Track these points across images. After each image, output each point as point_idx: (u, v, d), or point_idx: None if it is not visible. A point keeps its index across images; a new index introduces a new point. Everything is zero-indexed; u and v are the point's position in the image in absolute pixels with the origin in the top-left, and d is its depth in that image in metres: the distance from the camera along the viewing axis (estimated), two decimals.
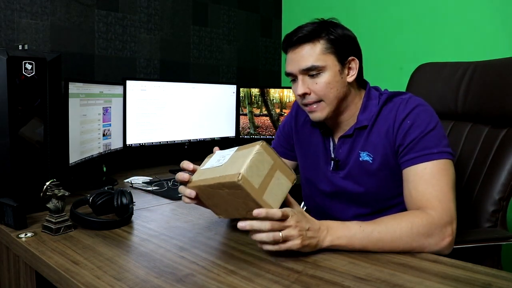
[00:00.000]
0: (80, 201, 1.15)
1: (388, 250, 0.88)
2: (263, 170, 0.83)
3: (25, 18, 1.66)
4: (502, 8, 1.88)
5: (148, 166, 1.99)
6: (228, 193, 0.84)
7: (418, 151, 0.97)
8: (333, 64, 1.03)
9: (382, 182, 1.05)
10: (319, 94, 1.03)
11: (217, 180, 0.85)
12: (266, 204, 0.82)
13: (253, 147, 0.86)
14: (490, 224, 1.19)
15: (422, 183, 0.94)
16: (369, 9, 2.34)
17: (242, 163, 0.81)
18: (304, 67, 1.02)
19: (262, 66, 2.73)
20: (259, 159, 0.83)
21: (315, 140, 1.18)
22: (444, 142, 0.98)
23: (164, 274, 0.79)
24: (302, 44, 1.03)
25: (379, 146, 1.04)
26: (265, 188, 0.83)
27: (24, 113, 1.14)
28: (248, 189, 0.80)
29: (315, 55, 1.02)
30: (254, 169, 0.81)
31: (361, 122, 1.07)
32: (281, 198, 0.85)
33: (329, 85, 1.03)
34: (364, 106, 1.08)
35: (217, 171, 0.87)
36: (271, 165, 0.85)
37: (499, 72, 1.29)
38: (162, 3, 2.14)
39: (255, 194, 0.81)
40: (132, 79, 1.87)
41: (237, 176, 0.79)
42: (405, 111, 1.01)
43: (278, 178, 0.85)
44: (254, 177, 0.81)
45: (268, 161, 0.85)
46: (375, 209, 1.08)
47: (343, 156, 1.09)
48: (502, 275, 0.77)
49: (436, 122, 1.00)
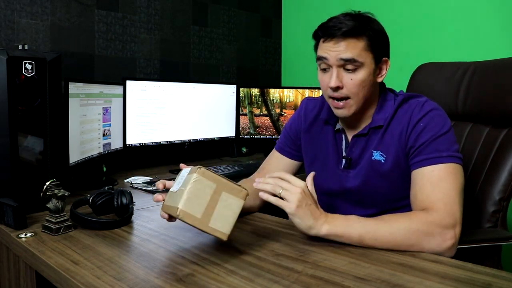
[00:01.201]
0: (80, 201, 1.15)
1: (385, 244, 0.88)
2: (205, 197, 0.83)
3: (25, 18, 1.66)
4: (502, 8, 1.88)
5: (148, 166, 1.98)
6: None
7: (428, 154, 0.97)
8: (370, 63, 1.01)
9: (392, 183, 1.05)
10: (351, 91, 1.01)
11: (170, 209, 0.87)
12: (214, 230, 0.83)
13: (192, 174, 0.85)
14: (490, 225, 1.19)
15: (429, 185, 0.94)
16: (369, 9, 2.33)
17: (182, 195, 0.83)
18: (345, 58, 0.99)
19: (262, 66, 2.73)
20: (198, 187, 0.83)
21: (326, 137, 1.17)
22: (455, 147, 0.98)
23: (164, 274, 0.79)
24: (345, 38, 0.99)
25: (392, 147, 1.04)
26: (210, 214, 0.83)
27: (24, 113, 1.14)
28: (190, 221, 0.82)
29: (358, 49, 0.99)
30: (193, 199, 0.82)
31: (377, 122, 1.06)
32: (232, 219, 0.85)
33: (363, 83, 1.01)
34: (380, 106, 1.08)
35: (174, 199, 0.87)
36: (213, 190, 0.84)
37: (499, 72, 1.29)
38: (162, 3, 2.14)
39: (199, 224, 0.82)
40: (132, 79, 1.87)
41: (176, 210, 0.82)
42: (419, 114, 1.01)
43: (225, 199, 0.85)
44: (194, 207, 0.82)
45: (209, 186, 0.84)
46: (381, 210, 1.07)
47: (356, 155, 1.09)
48: (502, 275, 0.77)
49: (449, 127, 1.00)
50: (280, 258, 0.85)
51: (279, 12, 2.81)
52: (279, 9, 2.81)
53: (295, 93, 2.35)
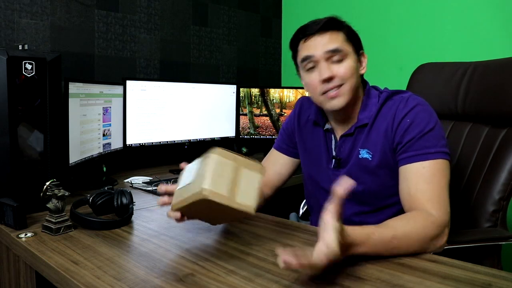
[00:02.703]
0: (80, 201, 1.15)
1: (400, 254, 0.85)
2: (227, 175, 0.83)
3: (25, 18, 1.66)
4: (502, 8, 1.88)
5: (148, 166, 1.98)
6: (207, 207, 0.84)
7: (416, 150, 0.97)
8: (352, 54, 1.05)
9: (381, 180, 1.05)
10: (343, 78, 1.03)
11: (190, 199, 0.85)
12: (243, 206, 0.82)
13: (210, 156, 0.85)
14: (490, 224, 1.19)
15: (422, 182, 0.94)
16: (369, 9, 2.33)
17: (204, 177, 0.82)
18: (331, 48, 1.02)
19: (262, 66, 2.73)
20: (219, 166, 0.83)
21: (317, 138, 1.18)
22: (442, 142, 0.98)
23: (164, 274, 0.79)
24: (326, 31, 1.03)
25: (378, 143, 1.04)
26: (235, 191, 0.82)
27: (24, 113, 1.14)
28: (218, 200, 0.80)
29: (340, 40, 1.03)
30: (217, 178, 0.81)
31: (362, 121, 1.07)
32: (255, 194, 0.85)
33: (352, 69, 1.04)
34: (364, 104, 1.08)
35: (189, 189, 0.86)
36: (233, 167, 0.84)
37: (499, 72, 1.29)
38: (162, 3, 2.14)
39: (227, 201, 0.81)
40: (132, 79, 1.87)
41: (202, 192, 0.80)
42: (404, 110, 1.01)
43: (246, 175, 0.85)
44: (220, 186, 0.81)
45: (229, 164, 0.84)
46: (375, 207, 1.08)
47: (345, 155, 1.10)
48: (502, 275, 0.77)
49: (435, 122, 1.00)
50: None
51: (279, 12, 2.81)
52: (279, 9, 2.81)
53: (295, 93, 2.35)
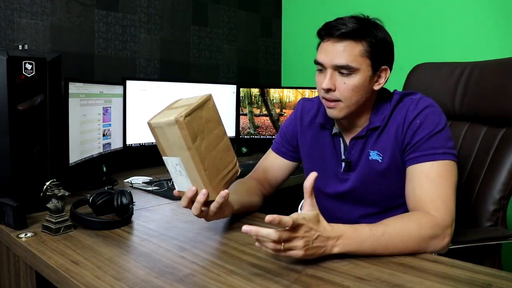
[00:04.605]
0: (80, 201, 1.15)
1: (397, 253, 0.86)
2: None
3: (25, 18, 1.66)
4: (502, 8, 1.88)
5: (148, 166, 1.98)
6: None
7: (424, 150, 0.97)
8: (366, 69, 1.00)
9: (391, 181, 1.05)
10: (342, 95, 1.01)
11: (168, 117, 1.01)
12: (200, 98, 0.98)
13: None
14: (490, 223, 1.19)
15: (428, 182, 0.95)
16: (369, 9, 2.32)
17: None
18: (339, 64, 0.99)
19: (262, 66, 2.73)
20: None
21: (323, 141, 1.16)
22: (450, 144, 0.99)
23: (164, 274, 0.79)
24: (344, 39, 0.98)
25: (388, 145, 1.04)
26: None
27: (24, 113, 1.14)
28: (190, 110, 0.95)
29: (353, 55, 0.98)
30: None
31: (374, 123, 1.06)
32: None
33: (356, 89, 1.00)
34: (377, 107, 1.08)
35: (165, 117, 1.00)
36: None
37: (496, 72, 1.29)
38: (162, 3, 2.14)
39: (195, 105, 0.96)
40: (132, 79, 1.87)
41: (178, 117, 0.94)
42: (415, 111, 1.01)
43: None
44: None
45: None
46: (383, 208, 1.08)
47: (355, 158, 1.09)
48: (502, 275, 0.77)
49: (445, 123, 1.01)
50: (280, 258, 0.85)
51: (279, 12, 2.81)
52: (279, 9, 2.81)
53: (295, 93, 2.35)
